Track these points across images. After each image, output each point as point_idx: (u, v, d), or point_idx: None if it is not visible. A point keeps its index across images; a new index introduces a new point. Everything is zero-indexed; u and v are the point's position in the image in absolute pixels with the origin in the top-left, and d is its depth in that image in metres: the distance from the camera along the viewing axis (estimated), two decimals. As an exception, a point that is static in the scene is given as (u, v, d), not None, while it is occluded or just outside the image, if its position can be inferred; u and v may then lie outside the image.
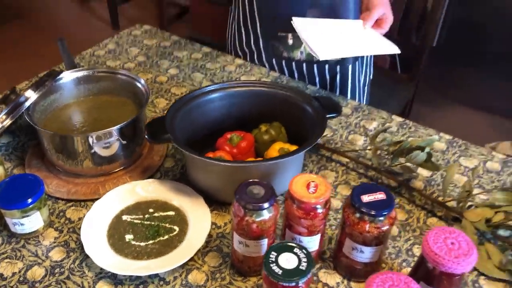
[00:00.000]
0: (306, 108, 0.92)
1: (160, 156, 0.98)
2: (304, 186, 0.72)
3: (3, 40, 2.93)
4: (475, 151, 1.03)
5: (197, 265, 0.78)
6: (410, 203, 0.91)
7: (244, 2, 1.23)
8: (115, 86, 1.01)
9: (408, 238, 0.84)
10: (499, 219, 0.81)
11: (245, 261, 0.75)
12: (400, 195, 0.92)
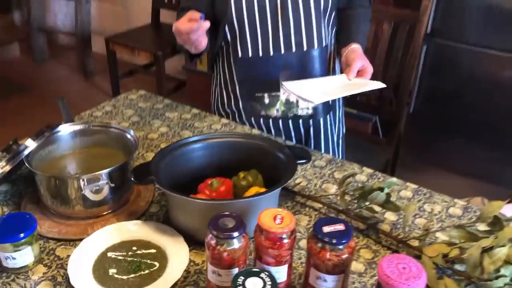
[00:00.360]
0: (279, 155, 1.02)
1: (146, 202, 1.06)
2: (271, 218, 0.80)
3: (6, 112, 3.09)
4: (439, 198, 1.11)
5: (175, 297, 0.84)
6: (376, 243, 0.97)
7: (224, 68, 1.38)
8: (107, 138, 1.11)
9: (373, 274, 0.90)
10: (455, 254, 0.87)
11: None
12: (368, 236, 0.99)
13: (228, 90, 1.40)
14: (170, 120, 1.41)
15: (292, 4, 1.26)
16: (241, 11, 1.26)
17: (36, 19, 3.52)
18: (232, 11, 1.26)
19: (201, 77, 2.77)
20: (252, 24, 1.28)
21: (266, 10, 1.26)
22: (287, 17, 1.26)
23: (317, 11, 1.28)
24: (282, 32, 1.28)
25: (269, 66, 1.31)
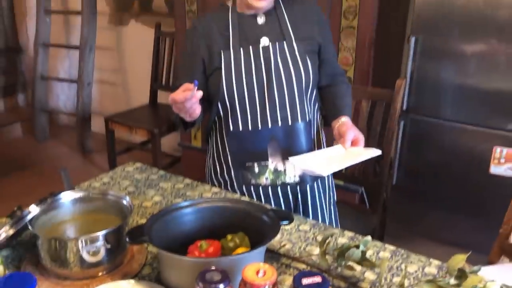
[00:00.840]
0: (263, 218, 1.10)
1: (139, 264, 1.12)
2: (254, 272, 0.87)
3: (8, 189, 3.17)
4: (415, 258, 1.18)
5: None
6: (356, 300, 1.03)
7: (217, 140, 1.51)
8: (105, 205, 1.19)
9: (353, 329, 0.95)
10: (427, 306, 0.94)
11: None
12: (349, 294, 1.06)
13: (221, 160, 1.51)
14: (164, 190, 1.50)
15: (276, 83, 1.40)
16: (231, 91, 1.40)
17: (40, 100, 3.71)
18: (224, 91, 1.41)
19: (196, 153, 2.89)
20: (242, 102, 1.42)
21: (254, 89, 1.41)
22: (273, 95, 1.41)
23: (299, 89, 1.42)
24: (268, 108, 1.41)
25: (258, 139, 1.43)
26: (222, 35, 1.44)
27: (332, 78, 1.54)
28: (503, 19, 1.84)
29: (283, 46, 1.42)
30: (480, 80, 1.94)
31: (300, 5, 1.48)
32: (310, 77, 1.43)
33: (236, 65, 1.40)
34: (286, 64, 1.40)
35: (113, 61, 3.80)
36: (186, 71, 1.48)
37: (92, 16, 3.44)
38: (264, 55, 1.41)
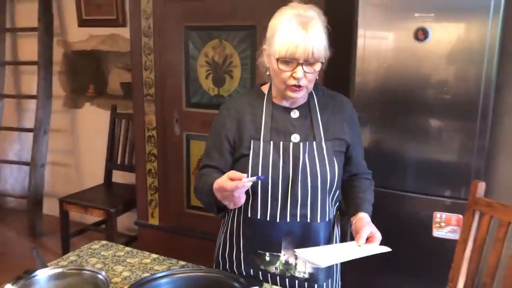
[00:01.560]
0: (234, 284, 1.18)
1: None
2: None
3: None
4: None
5: None
6: None
7: (233, 220, 1.51)
8: (81, 281, 1.23)
9: None
10: None
11: None
12: None
13: (232, 241, 1.51)
14: (132, 265, 1.54)
15: (301, 181, 1.39)
16: (256, 183, 1.38)
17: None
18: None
19: (153, 231, 2.91)
20: (265, 193, 1.41)
21: (278, 182, 1.40)
22: (296, 192, 1.40)
23: (323, 189, 1.42)
24: (289, 204, 1.40)
25: (274, 230, 1.42)
26: (254, 122, 1.45)
27: (356, 176, 1.55)
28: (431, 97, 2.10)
29: (313, 146, 1.42)
30: (417, 153, 2.16)
31: (332, 101, 1.51)
32: (335, 178, 1.43)
33: (264, 156, 1.41)
34: (314, 163, 1.40)
35: (67, 143, 3.83)
36: (218, 151, 1.48)
37: (47, 99, 3.51)
38: (293, 152, 1.41)
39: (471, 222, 1.62)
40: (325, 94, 1.53)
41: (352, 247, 1.33)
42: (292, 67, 1.35)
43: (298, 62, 1.33)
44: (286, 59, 1.33)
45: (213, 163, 1.48)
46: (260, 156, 1.41)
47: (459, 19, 1.99)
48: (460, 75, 2.03)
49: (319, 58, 1.34)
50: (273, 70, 1.39)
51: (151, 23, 2.67)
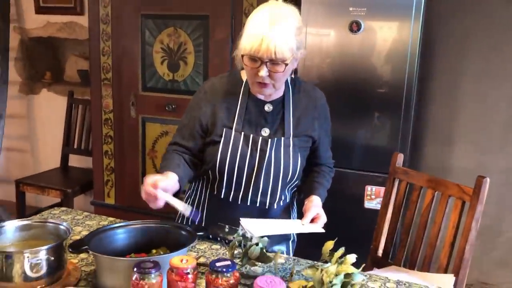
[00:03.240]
0: (182, 233, 1.36)
1: (75, 278, 1.31)
2: (179, 260, 1.13)
3: None
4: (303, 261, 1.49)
5: (105, 333, 1.09)
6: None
7: (199, 192, 1.63)
8: (44, 232, 1.37)
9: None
10: (310, 285, 1.24)
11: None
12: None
13: (198, 208, 1.63)
14: (90, 226, 1.69)
15: (265, 173, 1.50)
16: (223, 167, 1.50)
17: None
18: (217, 164, 1.51)
19: (109, 210, 3.04)
20: (230, 178, 1.52)
21: (243, 172, 1.51)
22: (258, 182, 1.51)
23: (283, 181, 1.53)
24: (251, 192, 1.53)
25: (234, 210, 1.54)
26: (229, 110, 1.52)
27: (317, 164, 1.65)
28: (365, 86, 2.34)
29: (280, 142, 1.50)
30: (354, 136, 2.39)
31: (306, 97, 1.57)
32: (297, 172, 1.54)
33: (233, 147, 1.49)
34: (279, 158, 1.50)
35: (23, 129, 3.87)
36: (190, 132, 1.55)
37: (3, 85, 3.55)
38: (261, 146, 1.49)
39: (391, 188, 1.87)
40: (301, 89, 1.57)
41: (295, 224, 1.48)
42: (256, 65, 1.38)
43: (262, 61, 1.37)
44: (250, 56, 1.37)
45: (183, 142, 1.56)
46: (230, 145, 1.49)
47: (387, 14, 2.25)
48: (388, 66, 2.28)
49: (283, 58, 1.36)
50: (242, 65, 1.45)
51: (109, 11, 2.80)
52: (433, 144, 2.88)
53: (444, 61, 2.78)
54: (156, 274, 1.09)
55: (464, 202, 1.62)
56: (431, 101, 2.84)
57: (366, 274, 1.41)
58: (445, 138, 2.86)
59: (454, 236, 1.62)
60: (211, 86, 1.57)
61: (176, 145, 1.58)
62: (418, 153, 2.88)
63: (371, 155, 2.39)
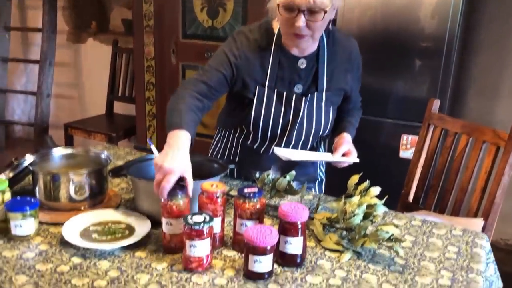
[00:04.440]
0: (214, 165, 1.42)
1: (116, 203, 1.41)
2: (210, 185, 1.19)
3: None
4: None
5: (141, 248, 1.18)
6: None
7: (232, 139, 1.65)
8: (87, 160, 1.47)
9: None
10: (335, 216, 1.29)
11: (171, 240, 1.15)
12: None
13: (225, 152, 1.66)
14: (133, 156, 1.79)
15: (297, 130, 1.52)
16: (257, 124, 1.52)
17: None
18: (251, 121, 1.52)
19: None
20: (264, 133, 1.54)
21: (277, 128, 1.53)
22: (291, 137, 1.54)
23: (315, 136, 1.57)
24: (283, 145, 1.55)
25: (265, 159, 1.57)
26: (261, 67, 1.47)
27: (347, 106, 1.64)
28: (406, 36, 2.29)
29: (314, 98, 1.49)
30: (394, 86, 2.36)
31: (341, 49, 1.52)
32: (328, 126, 1.56)
33: (267, 106, 1.50)
34: (311, 115, 1.51)
35: (70, 76, 4.03)
36: (216, 72, 1.46)
37: (52, 33, 3.69)
38: (295, 103, 1.49)
39: (425, 134, 1.86)
40: (335, 41, 1.51)
41: (327, 156, 1.53)
42: (293, 14, 1.31)
43: (299, 9, 1.30)
44: (287, 5, 1.30)
45: (205, 78, 1.46)
46: (263, 104, 1.49)
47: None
48: (430, 15, 2.21)
49: (322, 5, 1.29)
50: (277, 15, 1.38)
51: (152, -41, 2.83)
52: (476, 96, 2.80)
53: (494, 8, 2.65)
54: (182, 196, 1.15)
55: (498, 148, 1.60)
56: (478, 51, 2.73)
57: (391, 211, 1.44)
58: (490, 91, 2.77)
59: (486, 181, 1.61)
60: (244, 42, 1.48)
61: (194, 84, 1.44)
62: (459, 105, 2.81)
63: (408, 105, 2.36)
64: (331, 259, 1.19)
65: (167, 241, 1.17)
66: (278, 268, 1.13)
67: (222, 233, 1.22)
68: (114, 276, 1.07)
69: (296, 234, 1.12)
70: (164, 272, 1.09)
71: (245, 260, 1.08)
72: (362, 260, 1.18)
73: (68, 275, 1.06)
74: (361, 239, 1.18)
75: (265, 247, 1.05)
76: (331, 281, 1.09)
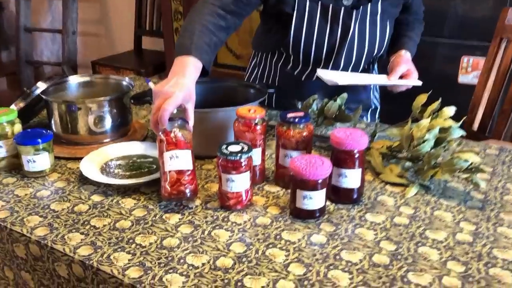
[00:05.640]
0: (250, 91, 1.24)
1: (141, 135, 1.25)
2: (247, 110, 1.00)
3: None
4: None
5: (170, 184, 1.02)
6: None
7: (270, 65, 1.43)
8: (107, 88, 1.30)
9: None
10: (396, 145, 1.08)
11: (176, 181, 0.91)
12: (327, 150, 1.20)
13: (263, 77, 1.46)
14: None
15: (346, 53, 1.30)
16: (298, 44, 1.30)
17: (25, 52, 3.75)
18: (290, 43, 1.30)
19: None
20: (306, 57, 1.33)
21: (322, 50, 1.30)
22: (339, 60, 1.31)
23: (367, 58, 1.33)
24: (330, 69, 1.33)
25: (308, 87, 1.36)
26: None
27: (407, 17, 1.42)
28: None
29: (366, 11, 1.26)
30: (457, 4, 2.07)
31: None
32: (383, 46, 1.34)
33: (309, 21, 1.27)
34: (363, 33, 1.28)
35: (96, 13, 3.84)
36: None
37: (74, -34, 3.47)
38: (343, 18, 1.25)
39: (497, 50, 1.59)
40: None
41: (381, 79, 1.28)
42: None
43: None
44: None
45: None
46: (305, 19, 1.26)
47: None
48: None
49: None
50: None
51: None
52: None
53: None
54: (185, 129, 0.96)
55: None
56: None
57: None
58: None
59: None
60: None
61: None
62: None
63: (469, 21, 2.05)
64: (393, 195, 0.99)
65: (171, 183, 0.90)
66: (331, 205, 0.95)
67: (263, 166, 1.04)
68: (139, 216, 0.91)
69: (353, 165, 0.93)
70: (197, 210, 0.93)
71: (292, 197, 0.91)
72: (431, 195, 0.99)
73: (86, 215, 0.92)
74: (430, 170, 0.98)
75: (316, 180, 0.87)
76: (397, 220, 0.91)
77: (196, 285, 0.74)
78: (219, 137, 1.10)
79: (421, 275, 0.76)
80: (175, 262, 0.79)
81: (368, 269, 0.77)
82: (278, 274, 0.76)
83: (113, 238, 0.85)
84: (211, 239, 0.85)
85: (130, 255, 0.80)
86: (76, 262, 0.80)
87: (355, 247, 0.83)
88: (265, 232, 0.87)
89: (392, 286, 0.74)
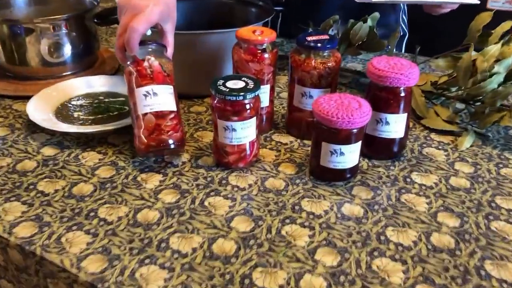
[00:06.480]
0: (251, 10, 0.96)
1: (111, 68, 0.98)
2: (250, 32, 0.73)
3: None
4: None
5: (148, 132, 0.76)
6: (360, 92, 0.93)
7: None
8: (64, 5, 1.01)
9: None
10: (444, 80, 0.83)
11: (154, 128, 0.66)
12: (351, 88, 0.94)
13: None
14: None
15: None
16: None
17: None
18: None
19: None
20: None
21: None
22: None
23: None
24: None
25: (326, 7, 1.11)
26: None
27: None
28: None
29: None
30: None
31: None
32: None
33: None
34: None
35: None
36: None
37: None
38: None
39: (548, -35, 1.30)
40: None
41: None
42: None
43: None
44: None
45: None
46: None
47: None
48: None
49: None
50: None
51: None
52: None
53: None
54: (164, 57, 0.69)
55: None
56: None
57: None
58: None
59: None
60: None
61: None
62: None
63: None
64: (443, 146, 0.76)
65: (148, 131, 0.66)
66: (363, 161, 0.72)
67: (271, 109, 0.79)
68: (105, 177, 0.67)
69: (397, 109, 0.68)
70: (185, 169, 0.69)
71: (314, 151, 0.66)
72: (492, 147, 0.75)
73: (33, 176, 0.67)
74: (494, 114, 0.73)
75: (350, 130, 0.62)
76: (452, 181, 0.67)
77: (184, 283, 0.51)
78: (211, 70, 0.84)
79: (503, 264, 0.54)
80: (153, 247, 0.55)
81: (427, 256, 0.55)
82: (301, 265, 0.53)
83: (67, 210, 0.61)
84: (204, 211, 0.61)
85: (90, 237, 0.56)
86: (12, 246, 0.56)
87: (405, 222, 0.60)
88: (279, 201, 0.63)
89: (465, 283, 0.51)
